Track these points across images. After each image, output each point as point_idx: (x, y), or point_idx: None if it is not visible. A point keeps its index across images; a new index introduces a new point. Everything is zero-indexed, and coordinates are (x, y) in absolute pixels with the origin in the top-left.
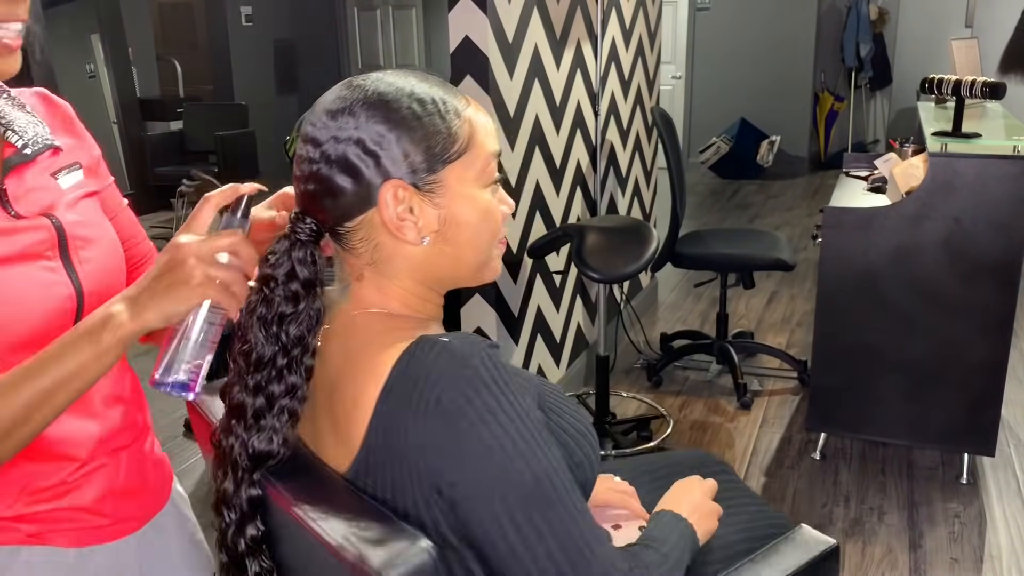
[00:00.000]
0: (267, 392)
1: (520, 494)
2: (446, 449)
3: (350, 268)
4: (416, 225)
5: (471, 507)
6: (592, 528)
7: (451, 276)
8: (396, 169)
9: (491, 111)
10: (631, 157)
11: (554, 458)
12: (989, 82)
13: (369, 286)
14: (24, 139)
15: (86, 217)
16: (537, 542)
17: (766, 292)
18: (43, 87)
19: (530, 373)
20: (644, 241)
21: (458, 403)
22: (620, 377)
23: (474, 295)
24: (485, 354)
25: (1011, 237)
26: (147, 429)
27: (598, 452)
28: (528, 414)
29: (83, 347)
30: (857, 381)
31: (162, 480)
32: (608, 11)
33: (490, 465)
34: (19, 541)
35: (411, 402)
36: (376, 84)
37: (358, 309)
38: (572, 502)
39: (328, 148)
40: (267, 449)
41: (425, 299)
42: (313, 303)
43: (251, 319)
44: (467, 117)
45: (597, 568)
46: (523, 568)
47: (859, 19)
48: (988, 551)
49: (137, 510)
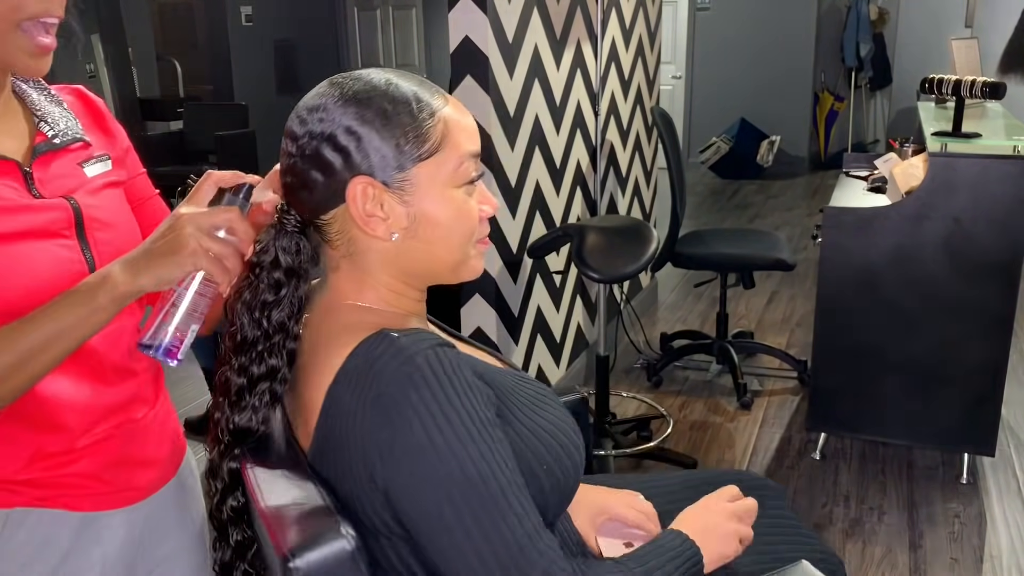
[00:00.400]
0: (248, 373)
1: (452, 492)
2: (381, 442)
3: (329, 259)
4: (385, 221)
5: (403, 501)
6: (534, 532)
7: (425, 272)
8: (365, 165)
9: (491, 111)
10: (631, 157)
11: (498, 459)
12: (989, 82)
13: (346, 278)
14: (55, 130)
15: (106, 203)
16: (465, 540)
17: (766, 292)
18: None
19: (504, 371)
20: (644, 241)
21: (395, 398)
22: (620, 377)
23: (474, 295)
24: (432, 352)
25: (1011, 237)
26: (157, 402)
27: (581, 454)
28: (473, 414)
29: (79, 303)
30: (857, 381)
31: (169, 453)
32: (608, 11)
33: (421, 461)
34: (28, 503)
35: (355, 393)
36: (354, 83)
37: (334, 300)
38: (513, 504)
39: (304, 143)
40: (246, 426)
41: (400, 293)
42: (296, 291)
43: (238, 303)
44: (442, 116)
45: (534, 573)
46: (454, 566)
47: (859, 19)
48: (988, 551)
49: (142, 481)
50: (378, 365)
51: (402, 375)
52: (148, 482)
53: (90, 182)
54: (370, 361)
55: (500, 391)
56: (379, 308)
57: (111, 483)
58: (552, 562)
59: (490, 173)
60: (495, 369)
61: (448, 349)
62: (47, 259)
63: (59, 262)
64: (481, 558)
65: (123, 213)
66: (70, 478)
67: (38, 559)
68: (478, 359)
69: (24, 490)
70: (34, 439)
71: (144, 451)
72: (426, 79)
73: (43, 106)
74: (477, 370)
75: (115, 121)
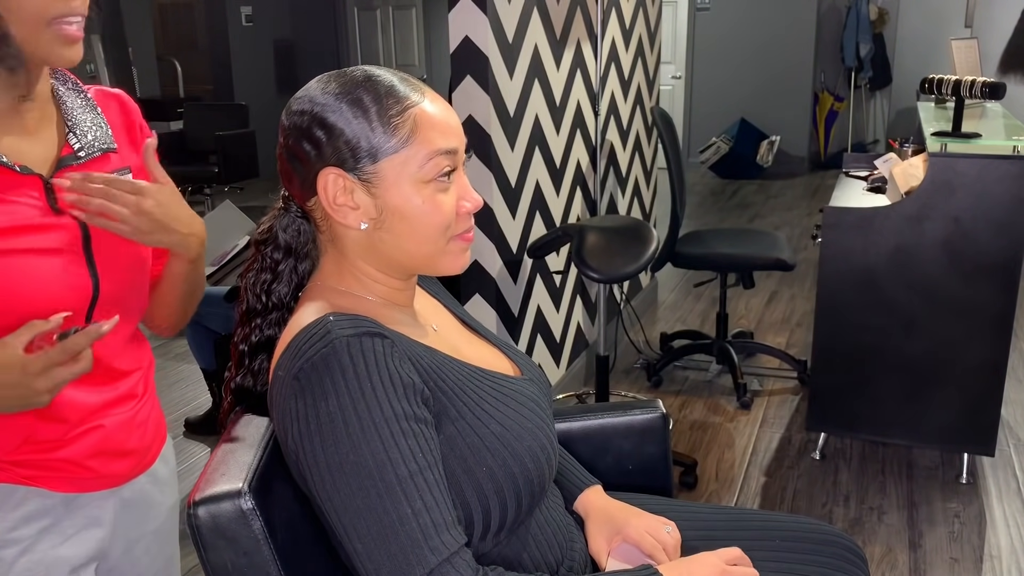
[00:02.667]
0: (249, 341)
1: (348, 474)
2: (290, 417)
3: (320, 244)
4: (355, 211)
5: (306, 474)
6: (431, 527)
7: (400, 262)
8: (335, 158)
9: (491, 111)
10: (631, 157)
11: (404, 450)
12: (989, 82)
13: (330, 261)
14: (82, 143)
15: None
16: (356, 524)
17: (766, 292)
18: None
19: (466, 366)
20: (644, 241)
21: (310, 378)
22: (620, 377)
23: (474, 295)
24: (355, 340)
25: (1011, 237)
26: (146, 395)
27: (549, 463)
28: (384, 403)
29: None
30: (857, 381)
31: (151, 442)
32: (608, 11)
33: (324, 440)
34: (17, 480)
35: (285, 366)
36: (336, 78)
37: (319, 280)
38: (411, 496)
39: (287, 135)
40: (246, 386)
41: (378, 281)
42: (295, 270)
43: (246, 278)
44: (413, 113)
45: (419, 568)
46: (347, 546)
47: (859, 19)
48: (988, 551)
49: (121, 468)
50: (304, 345)
51: (319, 356)
52: (128, 468)
53: None
54: (302, 339)
55: (444, 386)
56: (355, 293)
57: (95, 470)
58: (446, 561)
59: (490, 173)
60: (454, 364)
61: (376, 339)
62: (54, 273)
63: (66, 276)
64: (367, 544)
65: None
66: (57, 462)
67: (18, 532)
68: (440, 352)
69: (13, 469)
70: (29, 425)
71: (127, 442)
72: (410, 77)
73: (76, 114)
74: (422, 363)
75: (147, 128)
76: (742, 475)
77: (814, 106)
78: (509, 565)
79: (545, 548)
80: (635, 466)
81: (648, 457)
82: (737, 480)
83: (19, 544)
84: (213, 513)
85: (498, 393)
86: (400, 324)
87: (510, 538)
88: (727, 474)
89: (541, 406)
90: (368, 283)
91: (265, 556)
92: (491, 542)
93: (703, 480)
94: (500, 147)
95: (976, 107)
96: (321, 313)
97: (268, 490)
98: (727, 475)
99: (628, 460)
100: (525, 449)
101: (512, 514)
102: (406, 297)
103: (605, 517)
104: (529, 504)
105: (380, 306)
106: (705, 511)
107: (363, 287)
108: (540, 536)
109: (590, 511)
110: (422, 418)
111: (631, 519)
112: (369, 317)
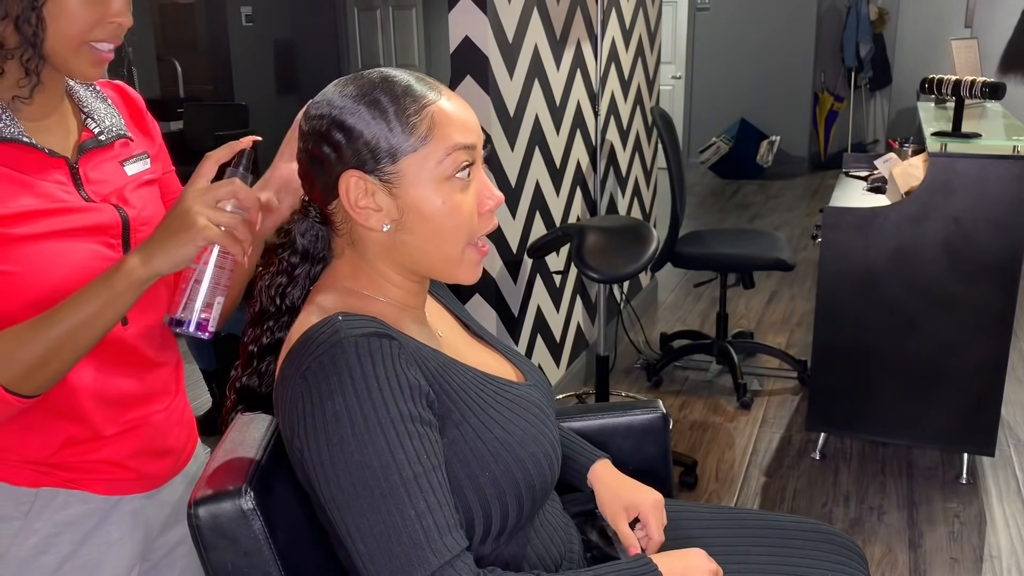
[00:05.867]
0: (260, 343)
1: (352, 474)
2: (295, 415)
3: (336, 247)
4: (377, 213)
5: (311, 471)
6: (434, 530)
7: (420, 265)
8: (355, 160)
9: (491, 111)
10: (631, 157)
11: (408, 452)
12: (989, 82)
13: (346, 263)
14: (101, 127)
15: (145, 202)
16: (358, 523)
17: (766, 292)
18: None
19: (472, 371)
20: (644, 241)
21: (317, 377)
22: (620, 377)
23: (474, 295)
24: (363, 340)
25: (1011, 237)
26: (177, 393)
27: (552, 469)
28: (390, 404)
29: (99, 293)
30: (857, 381)
31: (184, 442)
32: (608, 11)
33: (329, 439)
34: (58, 484)
35: (293, 363)
36: (353, 80)
37: (330, 280)
38: (414, 498)
39: (307, 139)
40: (251, 387)
41: (395, 284)
42: (310, 272)
43: (260, 281)
44: (431, 110)
45: (420, 570)
46: (349, 545)
47: (859, 19)
48: (988, 551)
49: (160, 468)
50: (312, 344)
51: (327, 356)
52: (165, 469)
53: (131, 181)
54: (311, 337)
55: (449, 390)
56: (367, 294)
57: (134, 470)
58: (447, 564)
59: (490, 173)
60: (459, 368)
61: (384, 340)
62: (92, 257)
63: (104, 260)
64: (369, 544)
65: (158, 210)
66: (96, 464)
67: (61, 537)
68: (446, 356)
69: (54, 472)
70: (66, 427)
71: (165, 441)
72: (427, 76)
73: (90, 103)
74: (428, 366)
75: (152, 117)
76: (742, 475)
77: (814, 106)
78: (508, 568)
79: (543, 551)
80: (635, 466)
81: (648, 457)
82: (737, 480)
83: (61, 549)
84: (214, 513)
85: (502, 398)
86: (409, 327)
87: (509, 541)
88: (727, 474)
89: (545, 412)
90: (384, 285)
91: (265, 556)
92: (491, 545)
93: (703, 480)
94: (500, 147)
95: (976, 107)
96: (330, 312)
97: (269, 490)
98: (727, 475)
99: (628, 460)
100: (528, 455)
101: (513, 519)
102: (419, 301)
103: (617, 488)
104: (530, 509)
105: (391, 308)
106: (705, 511)
107: (378, 289)
108: (539, 539)
109: (604, 481)
110: (427, 420)
111: (637, 496)
112: (378, 318)
